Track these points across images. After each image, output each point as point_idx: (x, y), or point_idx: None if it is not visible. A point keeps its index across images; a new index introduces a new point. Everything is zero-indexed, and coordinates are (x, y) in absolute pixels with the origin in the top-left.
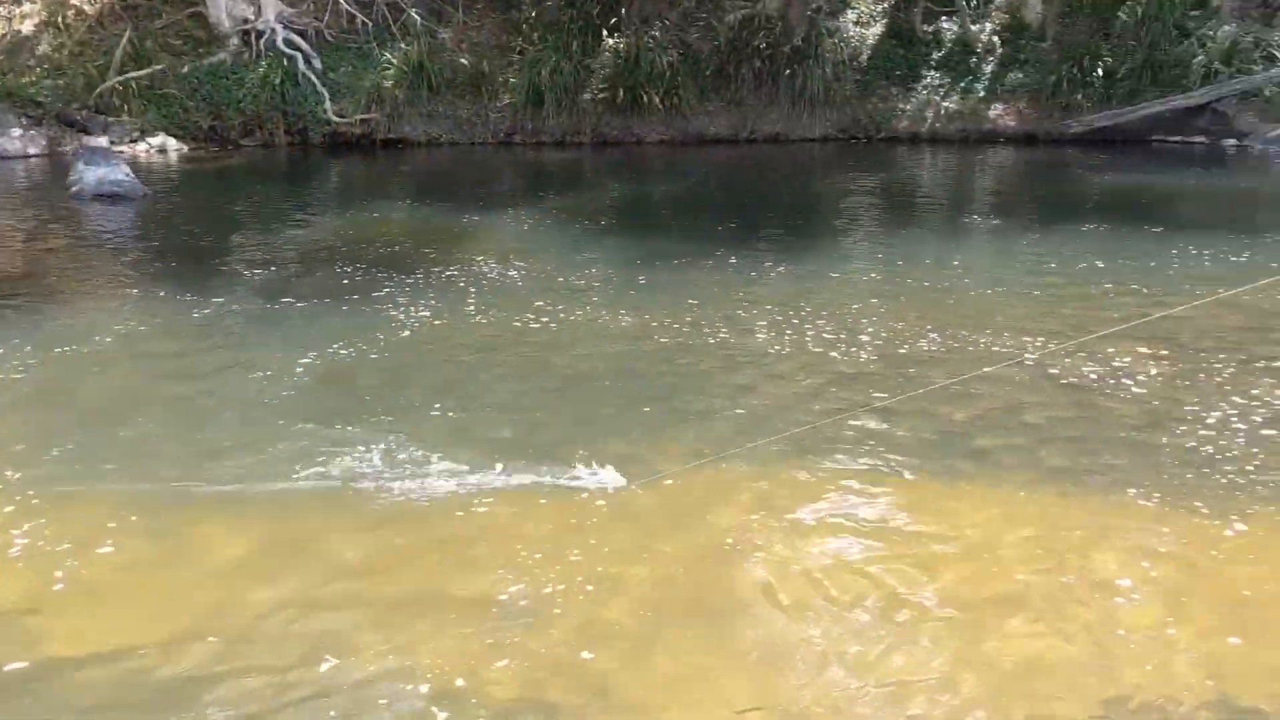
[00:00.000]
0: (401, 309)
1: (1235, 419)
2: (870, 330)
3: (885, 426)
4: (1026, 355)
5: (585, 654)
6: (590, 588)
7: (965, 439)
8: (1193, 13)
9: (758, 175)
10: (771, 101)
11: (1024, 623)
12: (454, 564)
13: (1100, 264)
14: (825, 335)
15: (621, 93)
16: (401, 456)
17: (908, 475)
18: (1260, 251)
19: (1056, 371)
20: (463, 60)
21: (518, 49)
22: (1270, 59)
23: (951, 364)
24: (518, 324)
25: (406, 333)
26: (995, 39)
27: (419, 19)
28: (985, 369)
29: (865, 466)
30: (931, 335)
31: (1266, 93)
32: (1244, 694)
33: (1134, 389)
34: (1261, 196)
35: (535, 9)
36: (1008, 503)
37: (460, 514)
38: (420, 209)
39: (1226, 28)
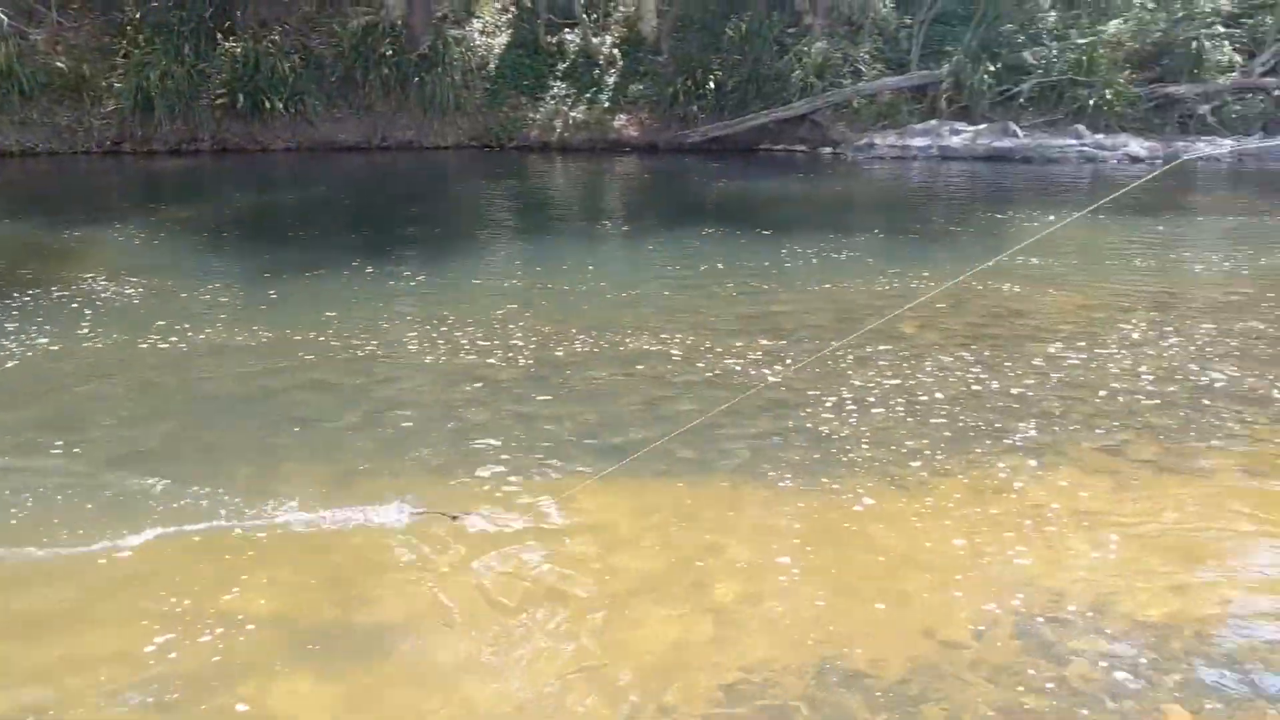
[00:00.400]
0: (4, 336)
1: (850, 402)
2: (520, 335)
3: (524, 430)
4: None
5: (239, 707)
6: (226, 628)
7: (602, 437)
8: (790, 30)
9: (392, 183)
10: (402, 108)
11: (668, 607)
12: (86, 616)
13: (720, 265)
14: (479, 342)
15: (241, 98)
16: (13, 506)
17: (550, 476)
18: (855, 248)
19: (689, 368)
20: (59, 64)
21: (122, 52)
22: (857, 73)
23: (606, 364)
24: (143, 346)
25: (14, 363)
26: (616, 51)
27: (4, 19)
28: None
29: (511, 472)
30: (580, 337)
31: (855, 104)
32: (861, 654)
33: (755, 379)
34: (854, 200)
35: (140, 10)
36: (646, 495)
37: (89, 564)
38: (15, 225)
39: (819, 44)
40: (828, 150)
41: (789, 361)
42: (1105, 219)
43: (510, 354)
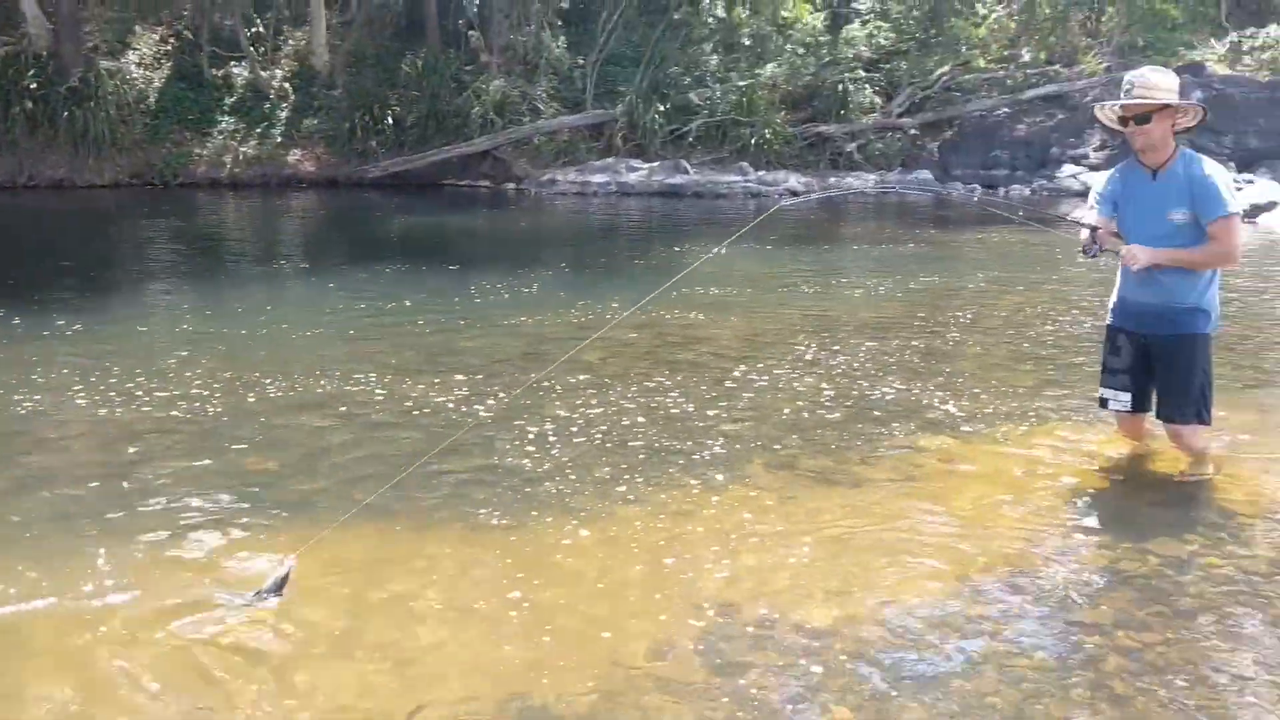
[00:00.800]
0: None
1: (552, 434)
2: (201, 383)
3: (216, 486)
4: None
5: None
6: None
7: (277, 488)
8: (467, 68)
9: (41, 225)
10: (51, 145)
11: (358, 659)
12: None
13: (409, 302)
14: (156, 394)
15: None
16: None
17: (245, 534)
18: (546, 282)
19: (386, 409)
20: None
21: None
22: (536, 111)
23: (297, 409)
24: None
25: None
26: (287, 85)
27: None
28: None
29: (202, 533)
30: (268, 382)
31: (536, 141)
32: (551, 687)
33: (456, 417)
34: (540, 234)
35: None
36: (345, 547)
37: None
38: None
39: (497, 82)
40: (511, 186)
41: (501, 396)
42: (772, 249)
43: (194, 404)
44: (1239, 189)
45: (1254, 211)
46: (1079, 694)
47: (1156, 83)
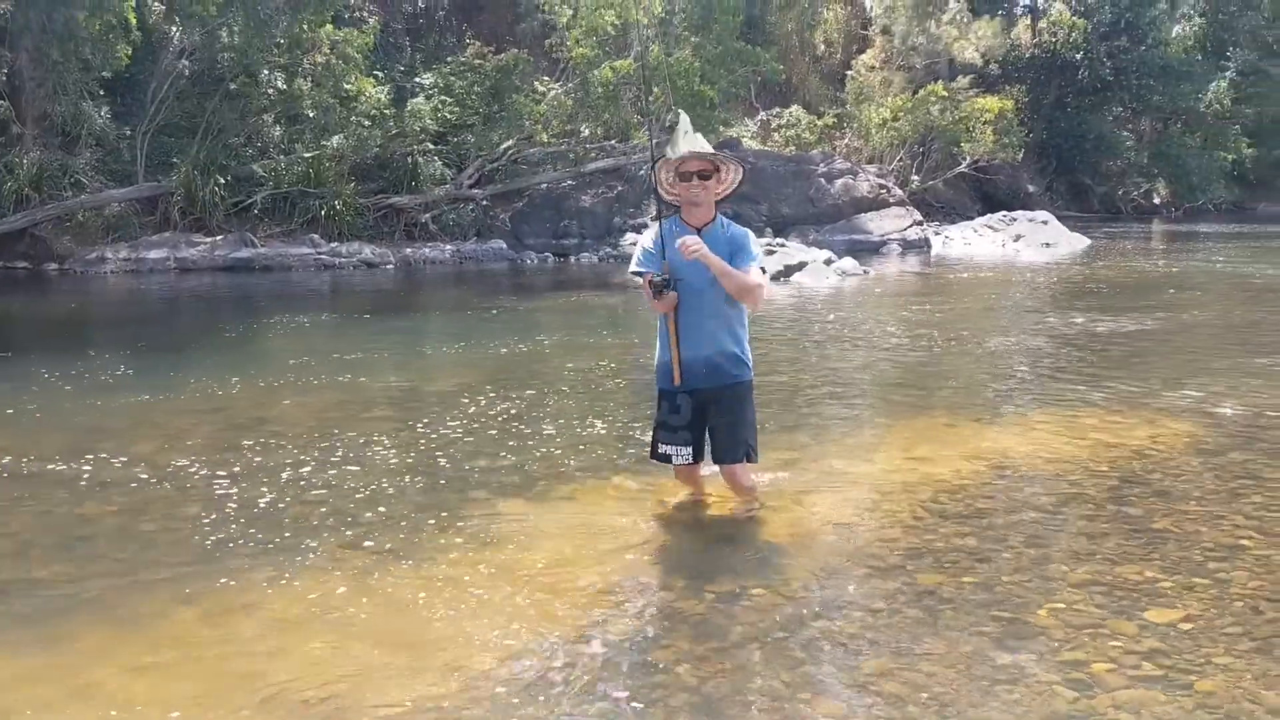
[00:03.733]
0: None
1: (95, 535)
2: None
3: None
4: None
5: None
6: None
7: None
8: None
9: None
10: None
11: None
12: None
13: None
14: None
15: None
16: None
17: None
18: (117, 366)
19: None
20: None
21: None
22: (79, 185)
23: None
24: None
25: None
26: None
27: None
28: None
29: None
30: None
31: (81, 217)
32: None
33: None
34: (96, 317)
35: None
36: None
37: None
38: None
39: (33, 154)
40: (53, 266)
41: (45, 494)
42: (352, 320)
43: None
44: (772, 252)
45: (787, 272)
46: None
47: (706, 144)
